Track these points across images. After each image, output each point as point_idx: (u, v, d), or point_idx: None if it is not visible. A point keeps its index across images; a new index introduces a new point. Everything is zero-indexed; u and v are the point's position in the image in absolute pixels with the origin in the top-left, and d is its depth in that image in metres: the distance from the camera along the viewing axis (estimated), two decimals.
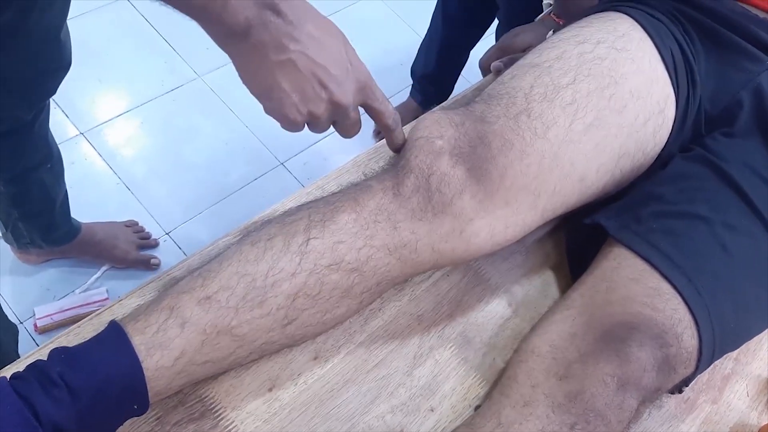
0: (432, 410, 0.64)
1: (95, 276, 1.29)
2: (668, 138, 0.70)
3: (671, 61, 0.69)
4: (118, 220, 1.34)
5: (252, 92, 0.51)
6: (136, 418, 0.57)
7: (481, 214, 0.59)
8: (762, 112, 0.70)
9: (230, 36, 0.47)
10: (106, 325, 0.52)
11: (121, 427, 0.56)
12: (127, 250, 1.29)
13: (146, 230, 1.37)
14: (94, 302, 1.26)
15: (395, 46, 1.78)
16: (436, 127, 0.60)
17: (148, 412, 0.57)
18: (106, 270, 1.31)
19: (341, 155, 1.58)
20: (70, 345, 0.51)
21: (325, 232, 0.56)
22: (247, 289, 0.52)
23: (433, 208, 0.58)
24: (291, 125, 0.52)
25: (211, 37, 0.48)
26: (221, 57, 0.52)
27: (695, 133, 0.73)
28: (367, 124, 0.61)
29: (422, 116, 0.63)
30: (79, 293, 1.27)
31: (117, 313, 0.61)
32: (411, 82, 1.65)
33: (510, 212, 0.61)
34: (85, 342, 0.51)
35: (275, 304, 0.53)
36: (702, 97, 0.72)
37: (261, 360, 0.62)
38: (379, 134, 1.58)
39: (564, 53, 0.67)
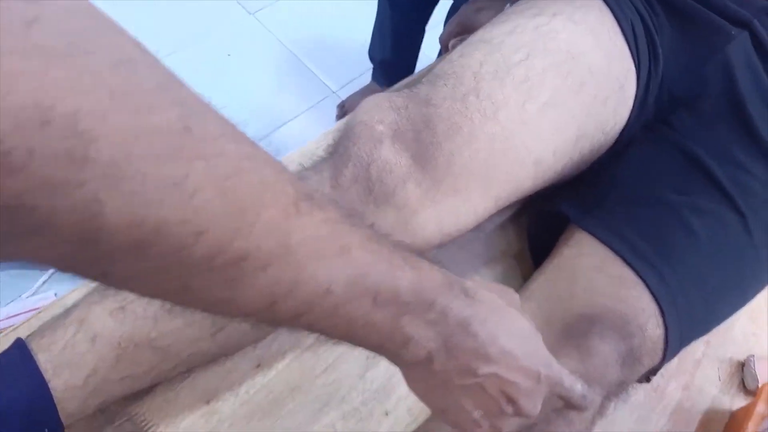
0: (387, 414, 0.60)
1: (42, 279, 1.23)
2: (629, 116, 0.66)
3: (632, 35, 0.65)
4: None
5: (423, 402, 0.42)
6: None
7: (427, 204, 0.55)
8: (730, 88, 0.66)
9: (405, 364, 0.39)
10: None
11: None
12: None
13: None
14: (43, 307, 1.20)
15: (357, 25, 1.73)
16: (377, 112, 0.55)
17: None
18: (53, 273, 1.25)
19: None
20: None
21: None
22: None
23: (375, 199, 0.53)
24: None
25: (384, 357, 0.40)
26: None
27: (659, 110, 0.69)
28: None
29: (364, 100, 0.58)
30: (26, 298, 1.21)
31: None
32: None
33: (459, 201, 0.56)
34: None
35: (199, 312, 0.48)
36: (665, 72, 0.68)
37: (197, 372, 0.57)
38: (344, 115, 1.53)
39: (517, 27, 0.62)
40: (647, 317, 0.55)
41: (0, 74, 0.18)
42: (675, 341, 0.57)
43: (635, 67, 0.64)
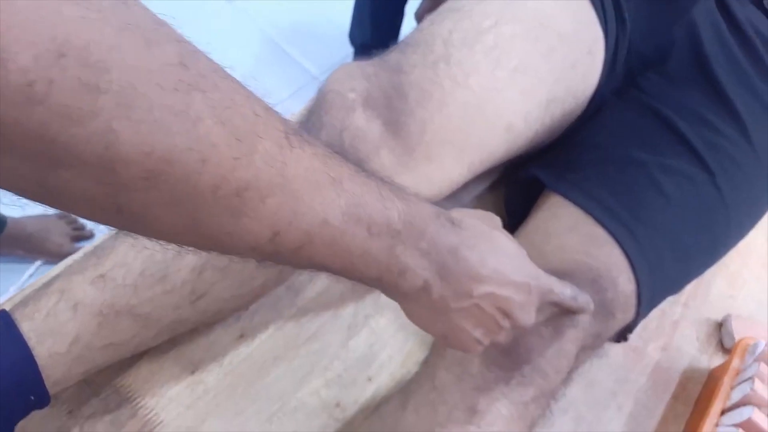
0: (370, 380, 0.61)
1: (29, 272, 1.23)
2: (599, 81, 0.67)
3: (599, 1, 0.66)
4: (50, 212, 1.28)
5: (424, 330, 0.44)
6: (45, 413, 0.53)
7: (401, 170, 0.55)
8: (696, 48, 0.68)
9: (404, 296, 0.40)
10: None
11: (29, 424, 0.52)
12: (61, 243, 1.23)
13: (80, 221, 1.31)
14: None
15: (337, 9, 1.73)
16: (348, 80, 0.56)
17: (58, 406, 0.53)
18: (40, 265, 1.25)
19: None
20: None
21: None
22: (145, 264, 0.48)
23: None
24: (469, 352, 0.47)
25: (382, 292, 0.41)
26: None
27: (628, 74, 0.70)
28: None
29: (335, 70, 0.58)
30: (14, 291, 1.21)
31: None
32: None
33: (434, 168, 0.58)
34: None
35: (179, 279, 0.49)
36: (633, 36, 0.69)
37: (181, 343, 0.58)
38: None
39: None
40: (619, 272, 0.56)
41: (18, 12, 0.20)
42: (647, 297, 0.58)
43: (603, 32, 0.65)
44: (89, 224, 1.34)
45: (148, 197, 0.25)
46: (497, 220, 0.47)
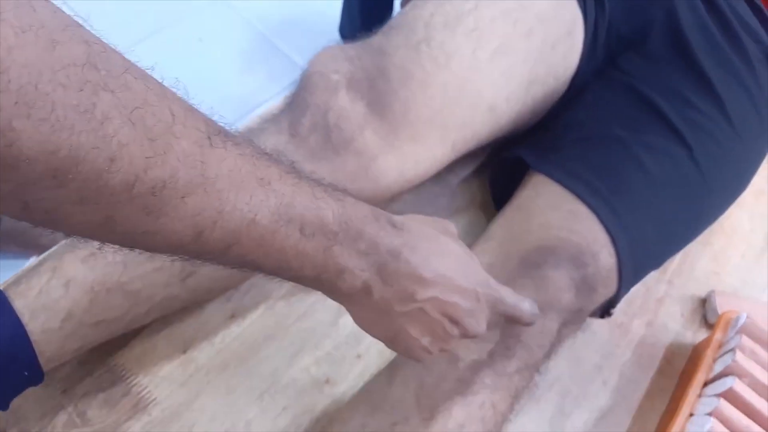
0: (359, 357, 0.63)
1: (24, 268, 1.24)
2: (579, 61, 0.68)
3: None
4: None
5: (370, 334, 0.44)
6: (40, 392, 0.54)
7: (387, 150, 0.57)
8: (674, 29, 0.69)
9: (346, 298, 0.40)
10: None
11: (25, 402, 0.53)
12: (55, 237, 1.24)
13: None
14: None
15: (327, 3, 1.74)
16: (332, 62, 0.57)
17: (52, 385, 0.54)
18: (36, 260, 1.26)
19: None
20: None
21: None
22: None
23: (333, 147, 0.55)
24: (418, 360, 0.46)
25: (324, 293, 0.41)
26: None
27: (609, 55, 0.71)
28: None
29: (318, 53, 0.60)
30: None
31: None
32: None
33: (418, 147, 0.59)
34: None
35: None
36: (612, 17, 0.70)
37: (173, 323, 0.60)
38: None
39: None
40: (600, 247, 0.57)
41: None
42: (628, 271, 0.59)
43: (582, 13, 0.67)
44: None
45: (58, 195, 0.25)
46: (450, 227, 0.46)
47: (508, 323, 0.51)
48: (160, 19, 1.59)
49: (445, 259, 0.41)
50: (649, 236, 0.61)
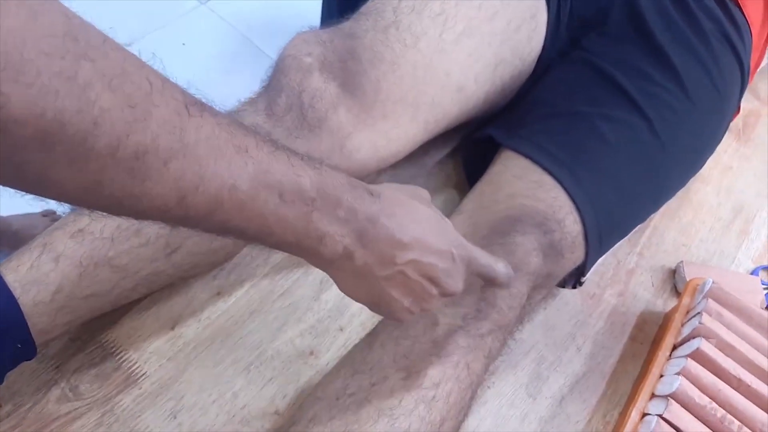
0: (341, 330, 0.65)
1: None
2: (543, 43, 0.72)
3: None
4: (35, 212, 1.31)
5: (354, 300, 0.46)
6: (33, 368, 0.56)
7: (360, 127, 0.60)
8: (633, 9, 0.73)
9: (329, 264, 0.42)
10: None
11: (20, 378, 0.56)
12: None
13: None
14: None
15: (308, 6, 1.78)
16: (305, 46, 0.60)
17: (45, 361, 0.56)
18: None
19: None
20: None
21: None
22: (121, 219, 0.51)
23: (309, 125, 0.58)
24: (401, 322, 0.49)
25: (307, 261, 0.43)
26: None
27: (572, 36, 0.75)
28: None
29: (292, 38, 0.63)
30: None
31: None
32: None
33: (390, 125, 0.62)
34: None
35: (153, 233, 0.52)
36: (574, 1, 0.74)
37: (161, 300, 0.62)
38: None
39: None
40: (565, 214, 0.60)
41: None
42: (594, 237, 0.62)
43: None
44: None
45: (48, 158, 0.26)
46: (423, 193, 0.48)
47: (485, 287, 0.54)
48: (144, 24, 1.62)
49: (421, 223, 0.43)
50: (613, 204, 0.64)
